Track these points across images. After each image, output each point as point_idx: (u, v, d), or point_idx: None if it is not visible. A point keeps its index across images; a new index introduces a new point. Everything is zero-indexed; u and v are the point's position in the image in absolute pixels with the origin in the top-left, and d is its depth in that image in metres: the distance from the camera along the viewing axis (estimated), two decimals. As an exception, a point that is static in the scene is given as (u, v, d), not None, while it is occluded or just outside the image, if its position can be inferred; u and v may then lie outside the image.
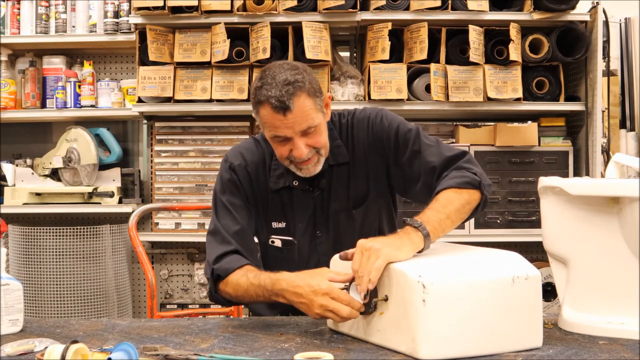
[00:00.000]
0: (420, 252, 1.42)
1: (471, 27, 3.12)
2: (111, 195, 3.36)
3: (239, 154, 1.79)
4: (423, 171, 1.68)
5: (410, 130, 1.74)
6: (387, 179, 1.79)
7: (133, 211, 2.50)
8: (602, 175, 3.07)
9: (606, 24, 3.30)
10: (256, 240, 1.82)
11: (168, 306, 3.52)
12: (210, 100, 3.23)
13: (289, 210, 1.77)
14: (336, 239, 1.77)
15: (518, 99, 3.20)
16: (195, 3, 3.16)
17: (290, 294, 1.47)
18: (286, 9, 3.17)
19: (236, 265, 1.64)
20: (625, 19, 3.77)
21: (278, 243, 1.78)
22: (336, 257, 1.51)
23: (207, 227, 2.08)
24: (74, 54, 3.58)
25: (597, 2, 3.20)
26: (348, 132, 1.78)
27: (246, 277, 1.59)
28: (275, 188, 1.75)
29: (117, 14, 3.36)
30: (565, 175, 3.24)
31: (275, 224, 1.77)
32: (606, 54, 3.34)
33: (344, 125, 1.79)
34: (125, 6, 3.35)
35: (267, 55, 3.08)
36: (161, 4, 3.14)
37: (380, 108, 1.82)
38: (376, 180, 1.78)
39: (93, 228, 3.26)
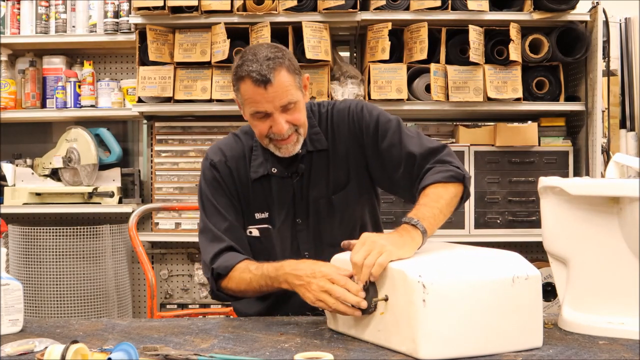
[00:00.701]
0: (418, 249, 1.43)
1: (471, 27, 3.12)
2: (111, 195, 3.36)
3: (219, 150, 1.81)
4: (404, 159, 1.70)
5: (390, 121, 1.76)
6: (367, 170, 1.80)
7: (133, 211, 2.50)
8: (602, 175, 3.07)
9: (606, 24, 3.30)
10: None
11: (168, 306, 3.52)
12: (210, 100, 3.23)
13: (269, 199, 1.78)
14: (316, 227, 1.78)
15: (518, 99, 3.20)
16: (195, 3, 3.17)
17: (292, 276, 1.51)
18: (286, 9, 3.17)
19: (235, 261, 1.66)
20: (625, 19, 3.77)
21: (255, 232, 1.78)
22: (336, 257, 1.51)
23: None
24: (74, 54, 3.58)
25: (597, 2, 3.20)
26: (328, 121, 1.80)
27: (248, 270, 1.62)
28: (255, 177, 1.77)
29: (117, 14, 3.36)
30: (565, 175, 3.24)
31: (258, 215, 1.78)
32: (606, 54, 3.34)
33: (323, 115, 1.81)
34: (125, 6, 3.35)
35: (267, 55, 3.08)
36: (161, 4, 3.15)
37: (360, 100, 1.84)
38: (357, 170, 1.80)
39: (93, 228, 3.26)
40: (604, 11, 3.21)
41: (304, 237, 1.79)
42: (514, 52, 3.13)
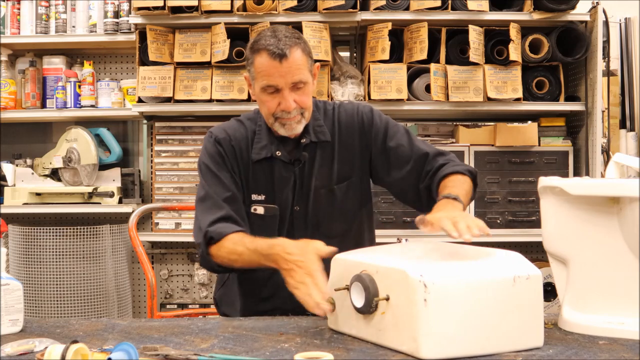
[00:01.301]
0: None
1: (471, 27, 3.12)
2: (111, 195, 3.36)
3: (223, 130, 1.85)
4: (414, 157, 1.80)
5: (398, 126, 1.88)
6: (370, 167, 1.87)
7: (133, 211, 2.50)
8: (602, 175, 3.07)
9: (606, 24, 3.30)
10: None
11: (168, 306, 3.52)
12: (210, 100, 3.23)
13: (269, 182, 1.81)
14: (314, 216, 1.82)
15: (518, 99, 3.20)
16: (195, 3, 3.17)
17: (282, 259, 1.52)
18: (286, 9, 3.17)
19: (230, 230, 1.69)
20: (625, 19, 3.77)
21: (260, 210, 1.80)
22: (337, 257, 1.51)
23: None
24: (74, 54, 3.58)
25: (597, 2, 3.20)
26: (334, 117, 1.86)
27: (242, 243, 1.65)
28: (257, 159, 1.80)
29: (117, 14, 3.36)
30: (565, 175, 3.24)
31: (255, 196, 1.81)
32: (606, 54, 3.34)
33: (329, 111, 1.87)
34: (125, 6, 3.35)
35: (267, 55, 3.08)
36: (161, 4, 3.15)
37: (368, 104, 1.92)
38: (361, 166, 1.86)
39: (93, 228, 3.26)
40: (604, 11, 3.21)
41: (300, 224, 1.82)
42: (514, 52, 3.13)
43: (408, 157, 1.81)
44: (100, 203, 3.38)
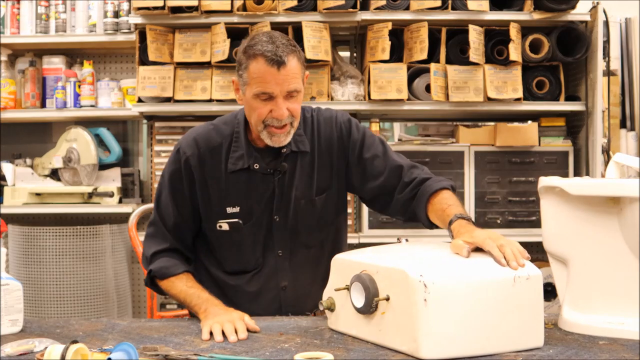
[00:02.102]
0: None
1: (471, 27, 3.12)
2: (111, 195, 3.36)
3: (193, 141, 1.81)
4: (388, 168, 1.82)
5: (374, 137, 1.88)
6: (346, 177, 1.87)
7: (133, 211, 2.50)
8: (602, 175, 3.07)
9: (606, 24, 3.29)
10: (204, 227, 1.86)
11: (168, 306, 3.51)
12: (210, 100, 3.23)
13: (245, 193, 1.78)
14: (294, 226, 1.82)
15: (518, 99, 3.19)
16: (195, 3, 3.16)
17: (207, 314, 1.57)
18: (286, 9, 3.17)
19: (174, 272, 1.76)
20: (626, 19, 3.77)
21: (225, 227, 1.79)
22: (337, 257, 1.51)
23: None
24: (74, 54, 3.58)
25: (597, 2, 3.20)
26: (313, 126, 1.85)
27: (183, 283, 1.73)
28: (233, 169, 1.77)
29: (117, 14, 3.36)
30: (565, 175, 3.24)
31: (230, 209, 1.79)
32: (606, 54, 3.34)
33: (307, 119, 1.86)
34: (125, 6, 3.35)
35: (267, 55, 3.08)
36: (161, 4, 3.14)
37: (345, 112, 1.92)
38: (338, 175, 1.86)
39: (93, 228, 3.26)
40: (604, 11, 3.20)
41: (279, 235, 1.81)
42: (514, 52, 3.13)
43: (383, 168, 1.82)
44: (100, 203, 3.38)
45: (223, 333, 1.45)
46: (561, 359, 1.27)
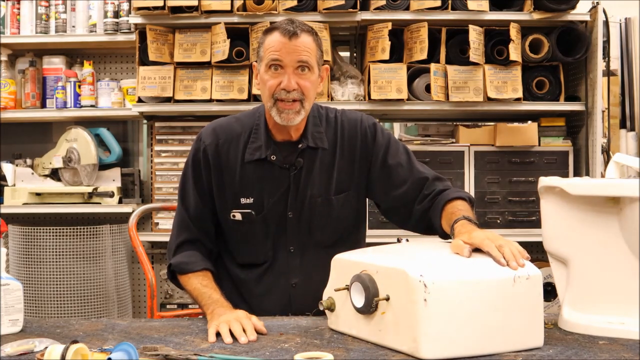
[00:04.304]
0: None
1: (471, 27, 3.12)
2: (111, 195, 3.36)
3: (212, 131, 1.83)
4: (412, 179, 1.81)
5: (399, 144, 1.88)
6: (367, 182, 1.85)
7: (133, 211, 2.50)
8: (602, 175, 3.07)
9: (606, 24, 3.29)
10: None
11: (168, 306, 3.52)
12: (210, 100, 3.23)
13: (259, 184, 1.79)
14: (308, 224, 1.81)
15: (518, 99, 3.20)
16: (195, 3, 3.17)
17: (213, 314, 1.56)
18: (286, 9, 3.17)
19: (193, 268, 1.76)
20: (625, 19, 3.77)
21: (238, 216, 1.80)
22: (337, 257, 1.51)
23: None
24: (74, 54, 3.58)
25: (597, 2, 3.20)
26: (337, 126, 1.85)
27: (198, 281, 1.72)
28: (250, 159, 1.78)
29: (117, 14, 3.36)
30: (565, 175, 3.24)
31: (244, 200, 1.80)
32: (606, 54, 3.34)
33: (331, 119, 1.85)
34: (125, 6, 3.35)
35: (267, 55, 3.08)
36: (161, 4, 3.15)
37: (370, 116, 1.92)
38: (359, 179, 1.85)
39: (93, 228, 3.26)
40: (604, 11, 3.20)
41: (292, 231, 1.80)
42: (514, 52, 3.13)
43: (406, 178, 1.81)
44: (100, 203, 3.38)
45: (232, 334, 1.43)
46: (561, 359, 1.27)
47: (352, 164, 1.83)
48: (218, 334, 1.44)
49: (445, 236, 1.71)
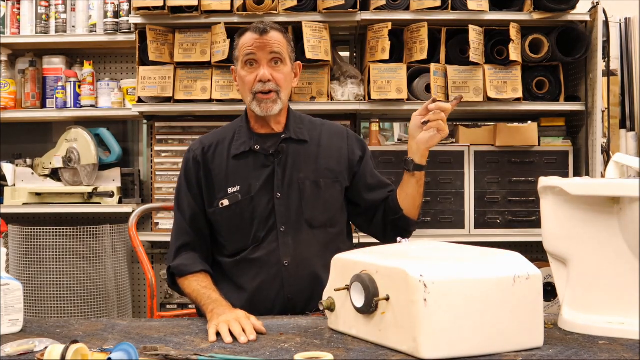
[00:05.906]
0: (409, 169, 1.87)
1: (471, 27, 3.12)
2: (111, 195, 3.36)
3: (199, 141, 1.98)
4: (377, 186, 1.98)
5: (370, 153, 2.06)
6: (351, 184, 1.99)
7: (133, 211, 2.50)
8: (602, 175, 3.07)
9: (606, 24, 3.29)
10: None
11: (168, 306, 3.51)
12: (210, 100, 3.23)
13: (246, 173, 1.89)
14: (297, 204, 1.88)
15: (518, 99, 3.20)
16: (195, 3, 3.17)
17: (213, 314, 1.57)
18: (286, 9, 3.17)
19: (191, 270, 1.83)
20: (625, 19, 3.77)
21: (226, 202, 1.89)
22: (337, 256, 1.51)
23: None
24: (74, 54, 3.58)
25: (597, 2, 3.20)
26: (321, 128, 2.00)
27: (197, 283, 1.79)
28: (236, 153, 1.90)
29: (117, 14, 3.36)
30: (565, 175, 3.24)
31: (231, 189, 1.89)
32: (606, 54, 3.34)
33: (315, 122, 2.01)
34: (125, 6, 3.35)
35: (267, 55, 3.08)
36: (161, 4, 3.15)
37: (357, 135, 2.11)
38: (343, 179, 1.96)
39: (93, 228, 3.26)
40: (604, 11, 3.20)
41: (282, 211, 1.87)
42: (514, 52, 3.13)
43: (373, 185, 1.98)
44: (100, 203, 3.38)
45: (232, 334, 1.44)
46: (561, 359, 1.27)
47: (338, 164, 1.95)
48: (218, 334, 1.44)
49: (409, 224, 1.95)
